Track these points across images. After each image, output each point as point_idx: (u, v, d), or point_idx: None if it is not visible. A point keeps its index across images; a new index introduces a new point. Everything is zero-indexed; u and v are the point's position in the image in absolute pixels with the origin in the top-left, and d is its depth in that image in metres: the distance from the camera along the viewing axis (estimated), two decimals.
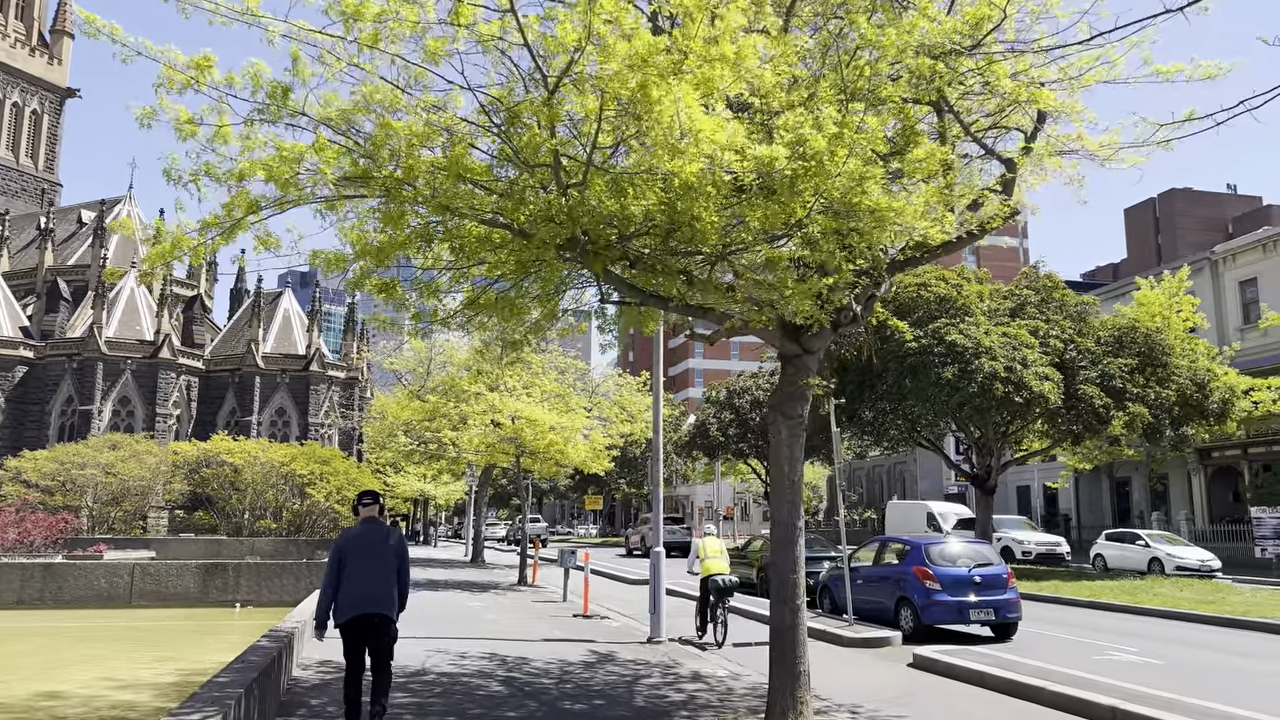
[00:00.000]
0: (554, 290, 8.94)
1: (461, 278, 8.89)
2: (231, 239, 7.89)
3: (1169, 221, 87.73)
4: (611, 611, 20.18)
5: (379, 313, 9.34)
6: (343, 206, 7.71)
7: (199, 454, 52.20)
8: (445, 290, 8.67)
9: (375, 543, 8.02)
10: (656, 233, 7.56)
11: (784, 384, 9.24)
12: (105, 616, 18.82)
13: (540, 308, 9.64)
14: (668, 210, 6.94)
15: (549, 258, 7.74)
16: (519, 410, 25.61)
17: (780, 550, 8.98)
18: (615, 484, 77.36)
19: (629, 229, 7.21)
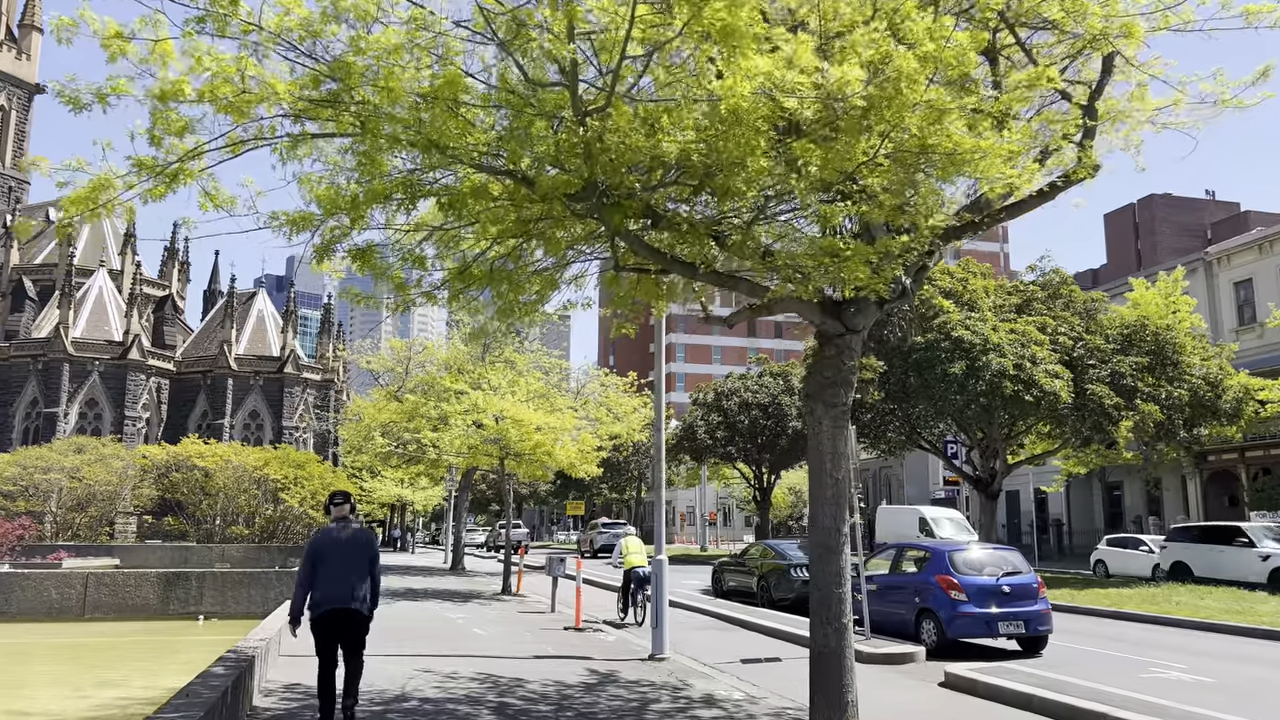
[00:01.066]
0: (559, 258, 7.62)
1: (451, 243, 7.58)
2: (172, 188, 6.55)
3: (1149, 227, 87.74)
4: (604, 624, 18.87)
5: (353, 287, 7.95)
6: (308, 151, 6.40)
7: (168, 458, 50.40)
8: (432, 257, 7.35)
9: (347, 541, 8.27)
10: (689, 178, 6.28)
11: (823, 368, 8.00)
12: (52, 631, 17.31)
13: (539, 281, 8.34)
14: (707, 150, 5.68)
15: (557, 212, 6.47)
16: (504, 409, 24.26)
17: (822, 560, 7.73)
18: (597, 489, 76.07)
19: (657, 175, 5.93)
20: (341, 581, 8.06)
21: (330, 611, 8.03)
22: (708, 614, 19.44)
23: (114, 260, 70.53)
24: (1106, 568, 32.23)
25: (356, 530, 8.49)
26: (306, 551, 8.29)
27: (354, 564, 8.17)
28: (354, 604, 8.09)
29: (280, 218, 6.80)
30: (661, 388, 14.40)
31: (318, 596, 8.06)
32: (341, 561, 8.13)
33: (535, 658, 13.67)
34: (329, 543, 8.26)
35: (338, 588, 8.05)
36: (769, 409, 42.48)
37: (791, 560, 20.46)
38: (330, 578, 8.07)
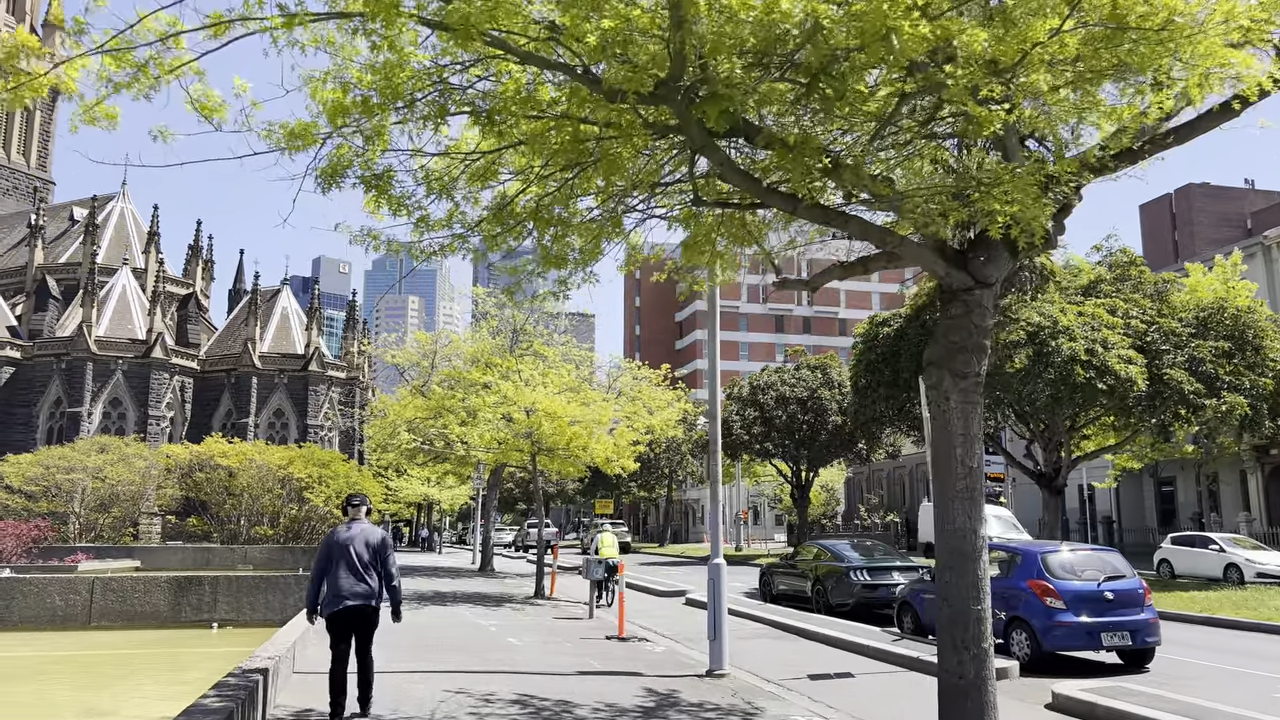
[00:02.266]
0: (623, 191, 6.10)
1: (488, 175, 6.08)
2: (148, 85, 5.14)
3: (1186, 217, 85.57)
4: (648, 632, 17.37)
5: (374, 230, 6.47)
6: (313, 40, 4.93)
7: (192, 457, 49.45)
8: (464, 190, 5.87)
9: (360, 540, 8.65)
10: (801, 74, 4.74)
11: (951, 330, 6.46)
12: (52, 642, 16.02)
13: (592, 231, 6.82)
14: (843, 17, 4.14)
15: (625, 122, 4.93)
16: (536, 402, 22.80)
17: (954, 569, 6.18)
18: (626, 487, 74.58)
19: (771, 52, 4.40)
20: (353, 579, 8.50)
21: (343, 608, 8.48)
22: (760, 621, 17.90)
23: (137, 258, 69.90)
24: (1172, 568, 30.35)
25: (368, 529, 8.84)
26: (320, 550, 8.73)
27: (365, 562, 8.58)
28: (365, 600, 8.54)
29: (276, 131, 5.35)
30: (715, 361, 12.88)
31: (331, 593, 8.50)
32: (354, 560, 8.54)
33: (580, 674, 12.19)
34: (341, 542, 8.64)
35: (350, 585, 8.48)
36: (807, 403, 40.83)
37: (849, 562, 18.87)
38: (343, 576, 8.50)
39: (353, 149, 5.66)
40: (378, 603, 8.66)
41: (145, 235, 71.26)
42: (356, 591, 8.48)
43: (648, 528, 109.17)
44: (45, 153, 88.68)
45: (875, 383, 24.69)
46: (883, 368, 24.44)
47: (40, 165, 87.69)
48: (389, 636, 14.31)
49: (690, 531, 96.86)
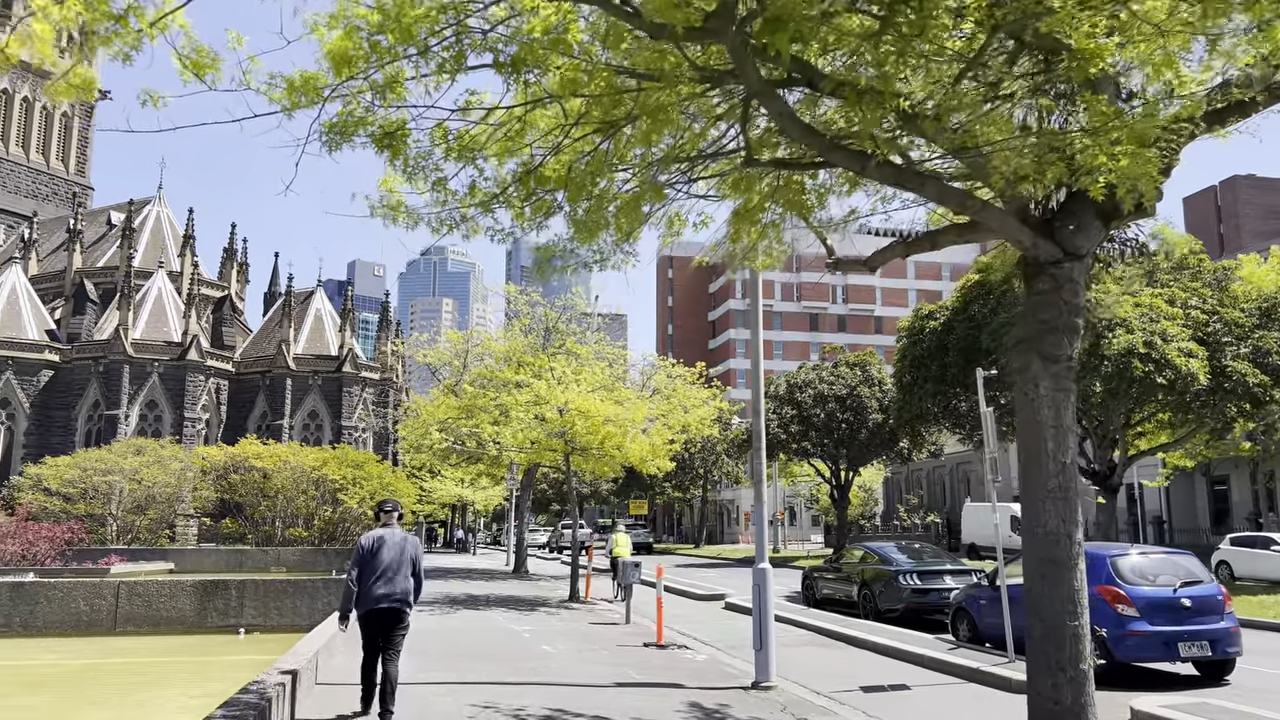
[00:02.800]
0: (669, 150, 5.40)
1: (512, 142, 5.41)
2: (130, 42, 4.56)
3: (1231, 209, 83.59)
4: (688, 638, 16.66)
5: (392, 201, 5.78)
6: None
7: (226, 459, 49.46)
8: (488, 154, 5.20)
9: (392, 546, 9.04)
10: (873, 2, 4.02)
11: (1039, 308, 5.71)
12: (76, 649, 15.61)
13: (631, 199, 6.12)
14: None
15: (670, 66, 4.23)
16: (570, 400, 22.17)
17: (1047, 579, 5.43)
18: (660, 488, 73.88)
19: None
20: (386, 582, 8.86)
21: (376, 610, 8.84)
22: (805, 627, 17.12)
23: (173, 262, 70.31)
24: (1231, 570, 29.12)
25: (400, 535, 9.19)
26: (354, 554, 9.04)
27: (398, 566, 8.95)
28: (398, 603, 8.91)
29: (277, 84, 4.71)
30: (759, 360, 12.14)
31: (365, 595, 8.85)
32: (386, 565, 8.90)
33: (617, 685, 11.51)
34: (374, 547, 8.99)
35: (382, 588, 8.84)
36: (846, 401, 39.88)
37: (898, 566, 18.03)
38: (376, 579, 8.85)
39: (362, 105, 5.03)
40: (407, 606, 9.03)
41: (181, 239, 71.69)
42: (387, 594, 8.86)
43: (682, 529, 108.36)
44: (83, 158, 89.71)
45: (920, 379, 23.80)
46: (928, 363, 23.53)
47: (79, 171, 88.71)
48: (419, 644, 13.73)
49: (725, 532, 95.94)
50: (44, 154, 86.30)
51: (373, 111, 5.12)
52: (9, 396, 61.10)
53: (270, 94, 4.77)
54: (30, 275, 70.10)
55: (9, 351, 61.14)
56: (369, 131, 5.00)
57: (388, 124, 5.38)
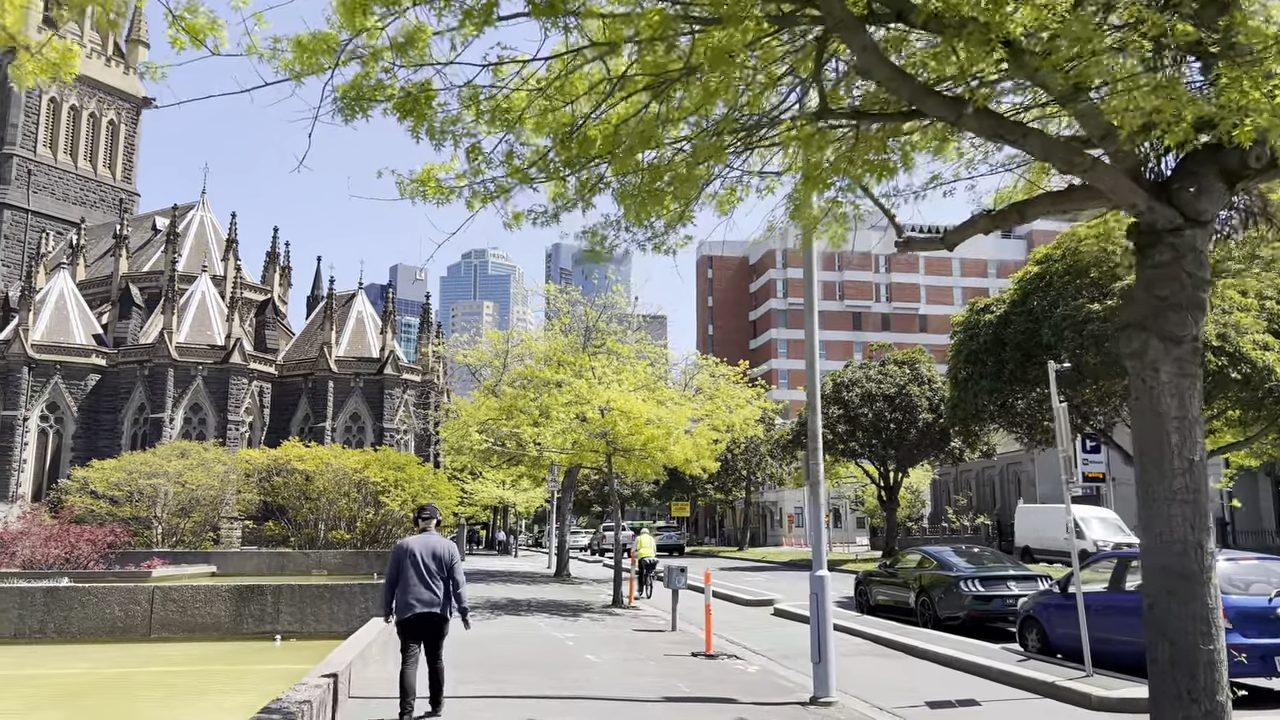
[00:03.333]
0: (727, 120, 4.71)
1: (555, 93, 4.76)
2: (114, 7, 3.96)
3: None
4: (737, 647, 15.95)
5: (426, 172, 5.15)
6: None
7: (269, 461, 49.52)
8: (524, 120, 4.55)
9: (429, 551, 9.07)
10: None
11: (1154, 283, 4.98)
12: (109, 656, 15.24)
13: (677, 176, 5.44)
14: None
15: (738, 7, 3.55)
16: (611, 400, 21.54)
17: (1175, 595, 4.69)
18: (702, 489, 73.09)
19: None
20: (422, 588, 8.92)
21: (412, 615, 8.89)
22: (861, 635, 16.31)
23: (217, 266, 70.85)
24: None
25: (437, 540, 9.23)
26: (392, 558, 9.12)
27: (434, 571, 9.01)
28: (434, 608, 8.96)
29: (283, 48, 4.10)
30: (814, 348, 11.41)
31: (402, 601, 8.93)
32: (423, 570, 8.96)
33: (666, 700, 10.83)
34: (411, 551, 9.05)
35: (419, 593, 8.91)
36: (895, 400, 38.85)
37: (958, 571, 17.15)
38: (413, 584, 8.92)
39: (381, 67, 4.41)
40: (445, 610, 9.07)
41: (224, 243, 72.25)
42: (424, 599, 8.93)
43: (724, 531, 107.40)
44: (130, 165, 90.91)
45: (976, 375, 22.83)
46: (985, 358, 22.56)
47: (125, 178, 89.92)
48: (458, 653, 13.15)
49: (768, 535, 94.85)
50: (91, 161, 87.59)
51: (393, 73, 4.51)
52: (57, 400, 61.87)
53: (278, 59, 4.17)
54: (78, 281, 71.04)
55: (57, 356, 61.91)
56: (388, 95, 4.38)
57: (410, 87, 4.77)
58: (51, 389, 61.38)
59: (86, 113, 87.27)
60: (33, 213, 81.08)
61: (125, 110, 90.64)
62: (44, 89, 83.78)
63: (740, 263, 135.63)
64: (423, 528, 9.41)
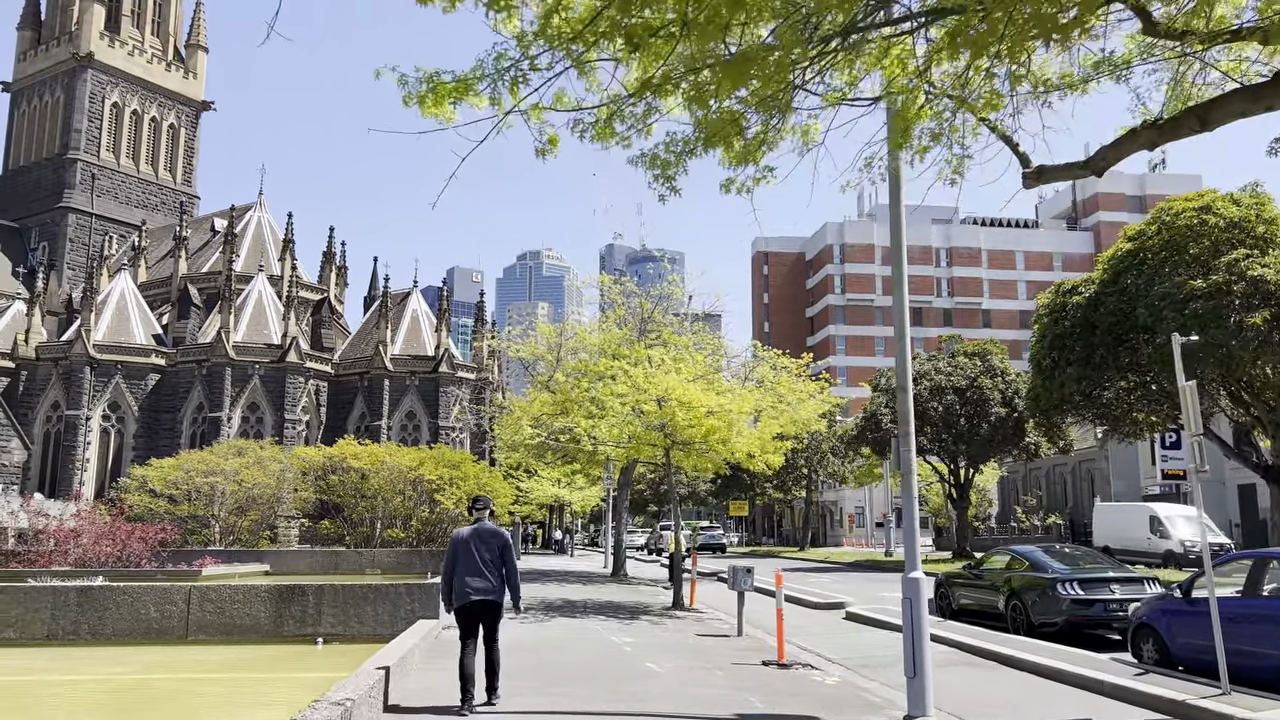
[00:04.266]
0: None
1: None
2: None
3: None
4: (811, 655, 14.63)
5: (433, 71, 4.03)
6: None
7: (324, 459, 49.19)
8: None
9: (482, 540, 9.39)
10: None
11: None
12: (142, 660, 14.45)
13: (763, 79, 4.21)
14: None
15: None
16: (669, 389, 20.33)
17: None
18: (761, 488, 71.55)
19: None
20: (477, 577, 9.15)
21: (469, 603, 9.13)
22: (949, 643, 14.87)
23: (273, 265, 71.14)
24: None
25: (490, 530, 9.47)
26: (449, 548, 9.47)
27: (487, 560, 9.23)
28: (488, 595, 9.19)
29: None
30: (904, 306, 10.10)
31: (458, 589, 9.19)
32: (478, 560, 9.20)
33: (739, 717, 9.59)
34: (465, 541, 9.35)
35: (474, 581, 9.14)
36: (966, 393, 37.04)
37: (1054, 572, 15.61)
38: (467, 572, 9.17)
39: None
40: (499, 597, 9.29)
41: (281, 243, 72.52)
42: (479, 587, 9.16)
43: (782, 531, 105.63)
44: (190, 168, 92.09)
45: (1062, 361, 21.12)
46: (1072, 343, 20.86)
47: (185, 181, 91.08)
48: (511, 660, 12.04)
49: (828, 535, 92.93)
50: (153, 165, 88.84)
51: None
52: (118, 400, 62.49)
53: None
54: (139, 282, 71.86)
55: (118, 356, 62.54)
56: None
57: None
58: (113, 389, 62.02)
59: (148, 117, 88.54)
60: (96, 216, 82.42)
61: (185, 114, 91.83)
62: (106, 95, 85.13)
63: (796, 258, 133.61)
64: (476, 518, 9.70)
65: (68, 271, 78.44)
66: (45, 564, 27.92)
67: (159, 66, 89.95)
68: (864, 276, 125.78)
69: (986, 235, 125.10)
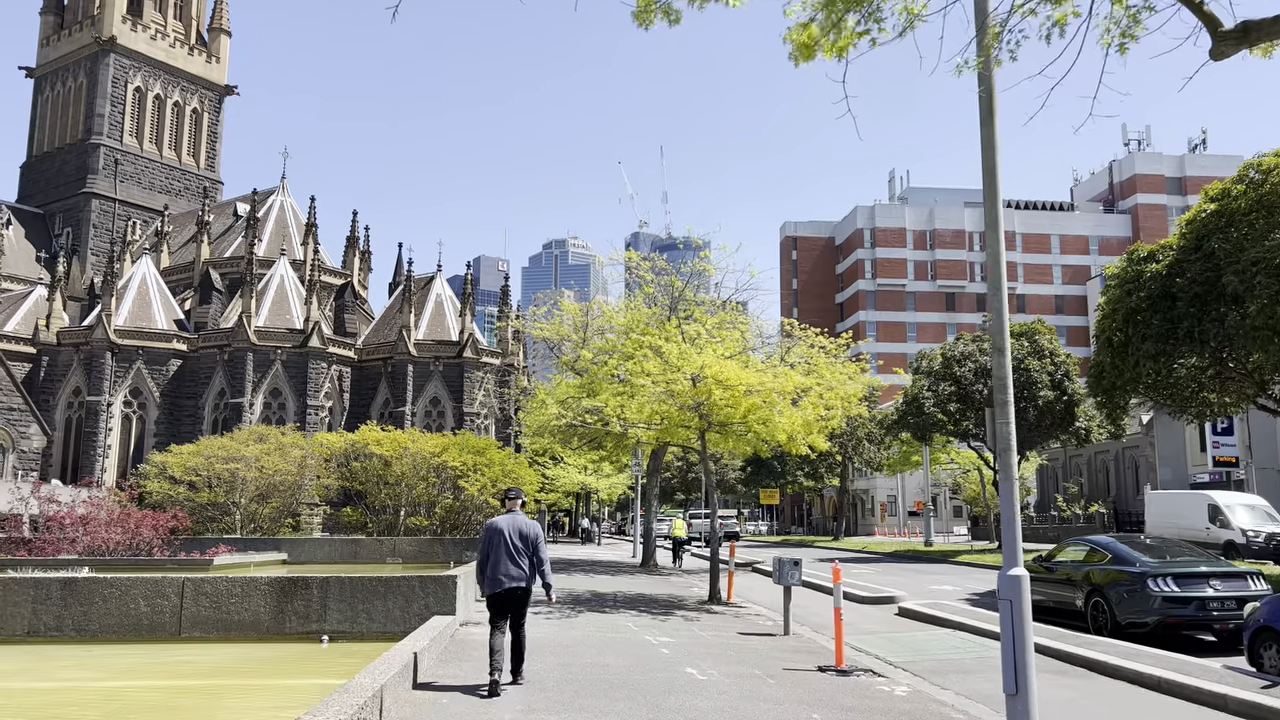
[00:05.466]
0: None
1: None
2: None
3: None
4: (867, 655, 13.03)
5: None
6: None
7: (346, 446, 48.07)
8: None
9: (515, 530, 9.79)
10: None
11: None
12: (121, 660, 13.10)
13: None
14: None
15: None
16: (705, 365, 18.75)
17: None
18: (792, 475, 69.86)
19: None
20: (510, 564, 9.64)
21: (501, 590, 9.61)
22: None
23: (296, 250, 70.14)
24: None
25: (523, 520, 9.94)
26: (482, 537, 9.93)
27: (520, 549, 9.73)
28: (520, 582, 9.65)
29: None
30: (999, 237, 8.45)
31: (492, 577, 9.66)
32: (509, 547, 9.69)
33: None
34: (500, 531, 9.78)
35: (507, 569, 9.62)
36: (1013, 375, 35.15)
37: (1142, 566, 13.91)
38: (501, 561, 9.65)
39: None
40: (529, 584, 9.70)
41: (304, 227, 71.48)
42: (513, 574, 9.55)
43: (811, 519, 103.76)
44: (213, 153, 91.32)
45: (1137, 336, 19.25)
46: (1148, 316, 18.99)
47: (209, 166, 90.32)
48: (534, 665, 10.58)
49: (859, 524, 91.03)
50: (176, 150, 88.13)
51: None
52: (140, 386, 61.73)
53: None
54: (162, 268, 71.12)
55: (139, 341, 61.75)
56: None
57: None
58: (134, 374, 61.25)
59: (171, 102, 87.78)
60: (120, 201, 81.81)
61: (208, 98, 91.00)
62: (129, 79, 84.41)
63: (825, 243, 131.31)
64: (509, 508, 10.09)
65: (91, 257, 77.90)
66: (53, 552, 26.87)
67: (182, 51, 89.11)
68: (895, 261, 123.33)
69: (1020, 218, 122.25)
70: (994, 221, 8.44)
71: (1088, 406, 36.40)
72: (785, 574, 14.92)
